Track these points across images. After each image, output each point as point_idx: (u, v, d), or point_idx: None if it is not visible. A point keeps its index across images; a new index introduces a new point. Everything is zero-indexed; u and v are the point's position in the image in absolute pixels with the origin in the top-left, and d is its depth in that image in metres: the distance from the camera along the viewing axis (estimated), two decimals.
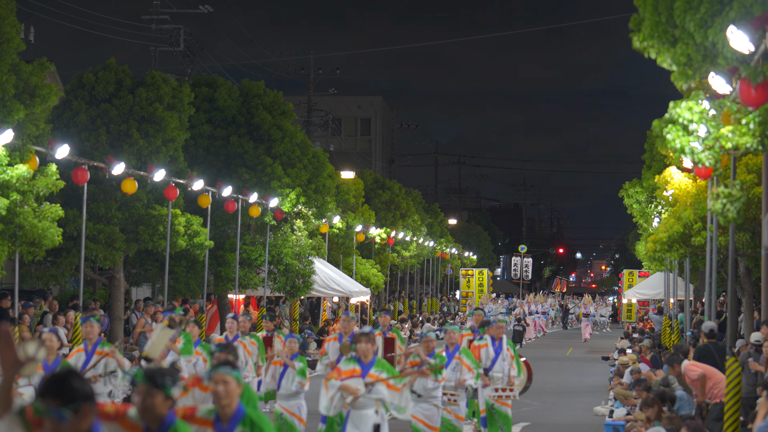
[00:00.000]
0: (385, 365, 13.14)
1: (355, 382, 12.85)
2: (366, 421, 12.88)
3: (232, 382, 8.05)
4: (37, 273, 26.91)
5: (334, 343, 17.85)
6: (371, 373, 12.91)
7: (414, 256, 59.69)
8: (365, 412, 12.90)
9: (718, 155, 12.75)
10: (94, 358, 15.10)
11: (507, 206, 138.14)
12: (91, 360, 15.08)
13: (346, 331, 18.02)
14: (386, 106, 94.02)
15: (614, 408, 22.34)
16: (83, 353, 15.22)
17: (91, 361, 15.05)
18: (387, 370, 13.09)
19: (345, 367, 13.05)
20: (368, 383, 12.84)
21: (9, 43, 20.87)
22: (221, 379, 8.08)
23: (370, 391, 12.86)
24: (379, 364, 13.05)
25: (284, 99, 36.03)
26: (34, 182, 21.66)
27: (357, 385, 12.84)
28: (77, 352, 15.36)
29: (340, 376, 12.94)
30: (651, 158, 33.60)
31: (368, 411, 12.89)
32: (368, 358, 13.01)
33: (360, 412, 12.92)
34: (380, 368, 13.01)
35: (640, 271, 58.44)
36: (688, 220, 23.13)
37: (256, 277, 34.64)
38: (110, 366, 15.10)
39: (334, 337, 18.26)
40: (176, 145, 28.35)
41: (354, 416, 12.97)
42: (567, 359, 43.32)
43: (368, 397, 12.87)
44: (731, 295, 17.37)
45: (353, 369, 12.96)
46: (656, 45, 12.62)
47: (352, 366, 13.00)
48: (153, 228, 27.55)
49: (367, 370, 12.94)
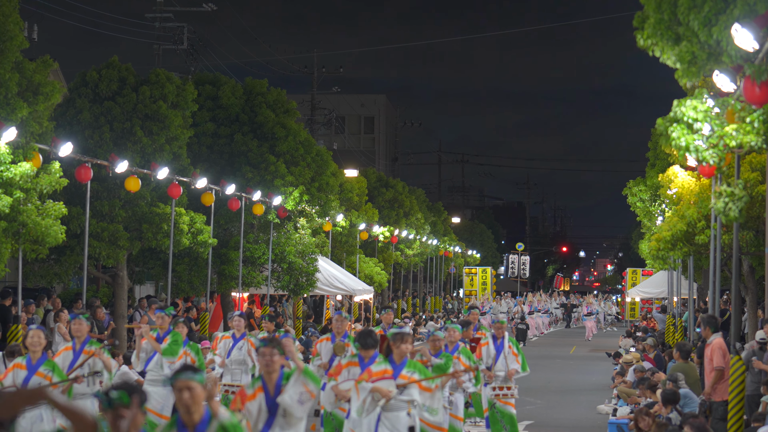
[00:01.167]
0: (417, 366, 12.81)
1: (387, 384, 12.51)
2: (399, 422, 12.55)
3: (197, 388, 7.72)
4: (40, 271, 26.92)
5: (327, 344, 17.50)
6: (403, 374, 12.59)
7: (417, 254, 59.68)
8: (397, 414, 12.56)
9: (722, 153, 12.73)
10: (82, 357, 14.94)
11: (510, 205, 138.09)
12: (79, 359, 14.91)
13: (339, 332, 17.58)
14: (390, 105, 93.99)
15: (618, 406, 22.32)
16: (71, 352, 15.04)
17: (78, 360, 14.88)
18: (419, 371, 12.77)
19: (376, 368, 12.70)
20: (400, 384, 12.49)
21: (12, 41, 20.85)
22: (185, 386, 7.72)
23: (402, 393, 12.54)
24: (411, 364, 12.72)
25: (288, 97, 36.02)
26: (37, 180, 21.65)
27: (388, 386, 12.50)
28: (65, 350, 15.14)
29: (371, 378, 12.58)
30: (655, 157, 33.57)
31: (400, 413, 12.57)
32: (400, 358, 12.70)
33: (392, 414, 12.56)
34: (412, 369, 12.68)
35: (643, 270, 58.41)
36: (691, 219, 23.11)
37: (260, 276, 34.64)
38: (97, 366, 14.91)
39: (326, 337, 17.78)
40: (180, 143, 28.34)
41: (386, 419, 12.59)
42: (570, 357, 43.31)
43: (399, 398, 12.55)
44: (735, 293, 17.36)
45: (384, 370, 12.62)
46: (660, 43, 12.60)
47: (383, 367, 12.66)
48: (156, 226, 27.56)
49: (399, 370, 12.63)
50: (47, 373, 13.98)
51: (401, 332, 12.86)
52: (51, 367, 14.09)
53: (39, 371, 13.96)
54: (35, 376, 13.89)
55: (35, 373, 13.88)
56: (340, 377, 13.79)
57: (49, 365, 14.11)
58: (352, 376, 13.52)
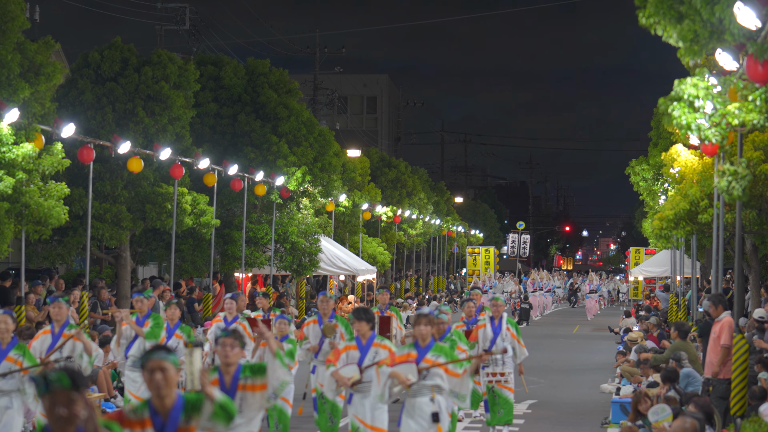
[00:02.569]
0: (443, 349, 11.95)
1: (408, 368, 11.74)
2: (421, 409, 11.77)
3: (170, 369, 7.10)
4: (43, 252, 26.96)
5: (314, 327, 17.03)
6: (427, 358, 11.79)
7: (420, 234, 59.69)
8: (420, 400, 11.79)
9: (725, 132, 12.70)
10: (60, 340, 14.64)
11: (513, 184, 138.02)
12: (57, 342, 14.63)
13: (325, 312, 17.07)
14: (392, 85, 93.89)
15: (621, 385, 22.35)
16: (50, 335, 14.76)
17: (56, 344, 14.60)
18: (445, 354, 11.88)
19: (400, 352, 11.99)
20: (422, 368, 11.72)
21: (14, 22, 20.84)
22: (158, 366, 7.09)
23: (425, 377, 11.74)
24: (437, 348, 11.88)
25: (290, 77, 35.99)
26: (39, 161, 21.66)
27: (409, 371, 11.72)
28: (44, 333, 14.86)
29: (393, 362, 11.88)
30: (657, 136, 33.56)
31: (423, 399, 11.78)
32: (426, 341, 11.89)
33: (414, 400, 11.82)
34: (438, 352, 11.82)
35: (646, 249, 58.40)
36: (694, 198, 23.10)
37: (263, 256, 34.68)
38: (77, 349, 14.62)
39: (313, 319, 17.17)
40: (182, 123, 28.34)
41: (408, 405, 11.87)
42: (573, 337, 43.33)
43: (423, 383, 11.75)
44: (738, 272, 17.37)
45: (408, 353, 11.86)
46: (662, 21, 12.55)
47: (407, 350, 11.92)
48: (159, 206, 27.58)
49: (424, 354, 11.82)
50: (17, 357, 13.47)
51: (423, 313, 12.20)
52: (21, 352, 13.63)
53: (9, 356, 13.50)
54: (5, 361, 13.42)
55: (5, 358, 13.36)
56: (339, 362, 13.31)
57: (20, 349, 13.55)
58: (351, 360, 13.23)
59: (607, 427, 19.38)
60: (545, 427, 19.65)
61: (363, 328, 13.29)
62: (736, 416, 15.89)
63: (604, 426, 19.52)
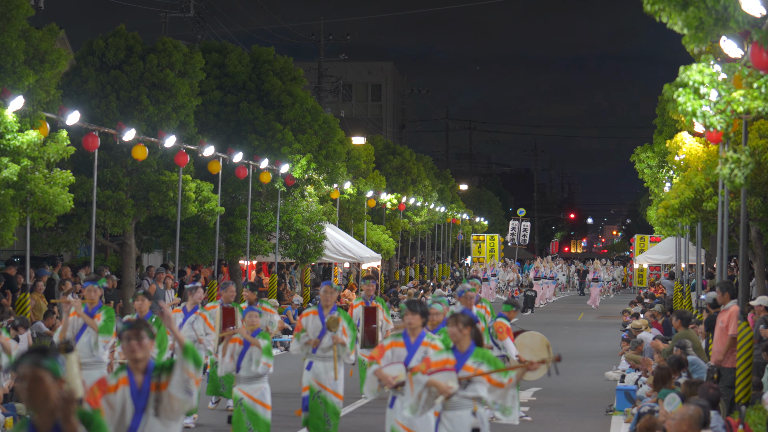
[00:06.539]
0: (486, 355, 10.66)
1: (447, 376, 10.46)
2: (461, 424, 10.60)
3: (46, 378, 6.03)
4: (48, 239, 26.98)
5: (314, 319, 15.77)
6: (467, 365, 10.55)
7: (425, 221, 59.65)
8: (459, 414, 10.60)
9: (730, 119, 12.70)
10: None
11: (518, 172, 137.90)
12: None
13: (327, 304, 15.78)
14: (397, 72, 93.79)
15: (626, 373, 22.35)
16: None
17: None
18: (488, 362, 10.61)
19: (436, 358, 10.68)
20: (463, 377, 10.49)
21: (18, 9, 20.84)
22: (31, 376, 6.02)
23: (466, 387, 10.52)
24: (479, 354, 10.62)
25: (294, 65, 35.97)
26: (44, 148, 21.66)
27: (449, 379, 10.45)
28: None
29: (428, 369, 10.53)
30: (662, 123, 33.49)
31: (463, 412, 10.61)
32: (464, 345, 10.64)
33: (452, 413, 10.60)
34: (479, 359, 10.58)
35: (651, 237, 58.40)
36: (699, 185, 23.07)
37: (267, 243, 34.69)
38: None
39: (312, 311, 15.84)
40: (187, 111, 28.33)
41: (446, 420, 10.64)
42: (578, 324, 43.35)
43: (463, 395, 10.54)
44: (743, 259, 17.32)
45: (446, 359, 10.58)
46: (667, 8, 12.53)
47: (444, 356, 10.63)
48: (164, 194, 27.58)
49: (464, 360, 10.58)
50: None
51: (457, 313, 10.96)
52: None
53: None
54: None
55: None
56: (383, 360, 11.68)
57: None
58: (397, 359, 11.65)
59: (611, 414, 19.40)
60: (550, 415, 19.66)
61: (415, 323, 11.75)
62: (740, 404, 15.90)
63: (608, 413, 19.53)
